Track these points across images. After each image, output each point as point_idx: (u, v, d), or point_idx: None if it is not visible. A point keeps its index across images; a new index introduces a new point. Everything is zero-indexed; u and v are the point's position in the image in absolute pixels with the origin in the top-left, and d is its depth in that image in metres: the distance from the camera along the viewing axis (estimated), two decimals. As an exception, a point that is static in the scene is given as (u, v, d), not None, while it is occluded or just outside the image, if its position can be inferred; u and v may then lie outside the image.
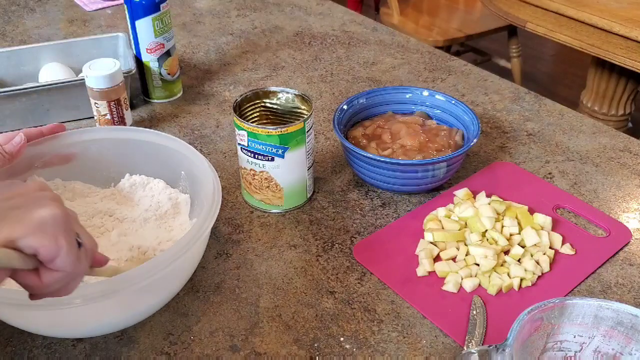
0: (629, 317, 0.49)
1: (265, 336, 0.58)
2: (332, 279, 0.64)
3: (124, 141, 0.70)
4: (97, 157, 0.70)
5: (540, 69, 2.97)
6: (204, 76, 1.06)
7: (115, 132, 0.71)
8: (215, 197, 0.60)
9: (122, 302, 0.54)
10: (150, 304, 0.57)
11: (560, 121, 0.91)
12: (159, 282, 0.53)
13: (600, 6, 1.50)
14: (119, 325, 0.58)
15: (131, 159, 0.71)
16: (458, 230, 0.68)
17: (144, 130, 0.71)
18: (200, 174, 0.64)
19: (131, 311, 0.56)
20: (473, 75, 1.05)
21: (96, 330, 0.57)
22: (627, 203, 0.75)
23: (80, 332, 0.57)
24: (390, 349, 0.57)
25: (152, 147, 0.69)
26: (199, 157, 0.65)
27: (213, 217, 0.57)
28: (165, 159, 0.69)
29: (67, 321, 0.55)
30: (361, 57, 1.11)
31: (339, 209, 0.74)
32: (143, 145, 0.69)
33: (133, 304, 0.56)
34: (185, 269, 0.59)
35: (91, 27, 1.24)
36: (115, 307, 0.55)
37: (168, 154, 0.68)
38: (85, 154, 0.69)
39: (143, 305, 0.57)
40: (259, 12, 1.31)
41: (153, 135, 0.69)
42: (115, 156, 0.71)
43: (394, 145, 0.75)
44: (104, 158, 0.71)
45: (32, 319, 0.54)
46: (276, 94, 0.73)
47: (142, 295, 0.55)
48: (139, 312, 0.57)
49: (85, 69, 0.83)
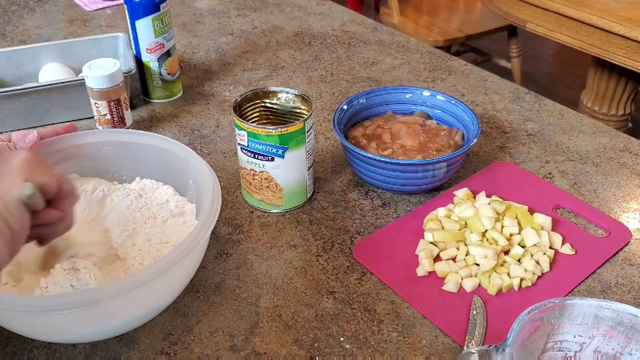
0: (629, 317, 0.49)
1: (265, 336, 0.58)
2: (332, 279, 0.64)
3: (137, 145, 0.69)
4: (108, 158, 0.70)
5: (540, 69, 2.97)
6: (204, 76, 1.06)
7: (127, 136, 0.71)
8: (215, 204, 0.59)
9: (105, 312, 0.53)
10: (139, 314, 0.57)
11: (560, 121, 0.91)
12: (147, 291, 0.53)
13: (600, 6, 1.51)
14: (108, 333, 0.57)
15: (142, 163, 0.70)
16: (458, 230, 0.68)
17: (162, 137, 0.70)
18: (202, 182, 0.63)
19: (117, 321, 0.55)
20: (473, 75, 1.05)
21: (82, 337, 0.57)
22: (627, 203, 0.75)
23: (68, 338, 0.57)
24: (390, 349, 0.57)
25: (163, 153, 0.68)
26: (201, 162, 0.64)
27: (210, 226, 0.56)
28: (175, 166, 0.68)
29: (51, 328, 0.54)
30: (361, 57, 1.11)
31: (339, 209, 0.74)
32: (156, 151, 0.69)
33: (119, 314, 0.55)
34: (180, 276, 0.58)
35: (91, 27, 1.24)
36: (100, 316, 0.54)
37: (177, 162, 0.67)
38: (97, 155, 0.69)
39: (132, 314, 0.56)
40: (259, 12, 1.31)
41: (163, 142, 0.68)
42: (126, 159, 0.71)
43: (394, 145, 0.75)
44: (116, 160, 0.71)
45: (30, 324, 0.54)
46: (276, 94, 0.73)
47: (133, 304, 0.54)
48: (128, 322, 0.57)
49: (85, 69, 0.83)
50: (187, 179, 0.68)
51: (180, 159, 0.66)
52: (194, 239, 0.54)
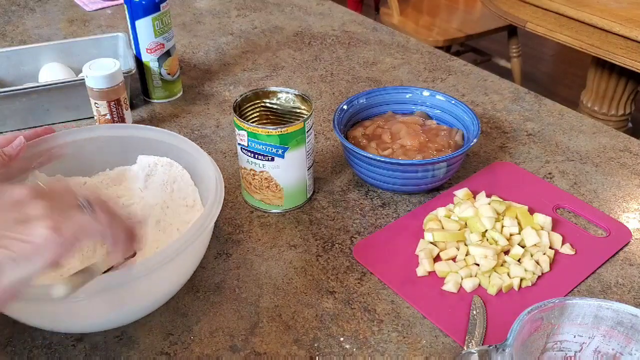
0: (629, 317, 0.49)
1: (265, 336, 0.58)
2: (332, 279, 0.64)
3: (128, 138, 0.71)
4: (94, 155, 0.71)
5: (540, 69, 2.97)
6: (204, 76, 1.06)
7: (109, 130, 0.72)
8: (218, 191, 0.60)
9: (118, 298, 0.54)
10: (151, 300, 0.58)
11: (560, 121, 0.91)
12: (160, 274, 0.53)
13: (600, 6, 1.51)
14: (115, 322, 0.58)
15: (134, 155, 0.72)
16: (458, 230, 0.68)
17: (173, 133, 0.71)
18: (205, 173, 0.65)
19: (129, 307, 0.56)
20: (473, 75, 1.05)
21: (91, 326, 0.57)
22: (627, 203, 0.75)
23: (81, 327, 0.57)
24: (390, 349, 0.57)
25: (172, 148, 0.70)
26: (206, 156, 0.66)
27: (217, 209, 0.58)
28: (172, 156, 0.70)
29: (63, 317, 0.55)
30: (361, 57, 1.11)
31: (339, 209, 0.74)
32: (165, 146, 0.70)
33: (132, 298, 0.56)
34: (188, 262, 0.59)
35: (91, 27, 1.24)
36: (112, 303, 0.54)
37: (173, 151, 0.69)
38: (81, 153, 0.70)
39: (144, 300, 0.57)
40: (259, 12, 1.31)
41: (170, 137, 0.69)
42: (114, 154, 0.71)
43: (394, 145, 0.75)
44: (104, 156, 0.71)
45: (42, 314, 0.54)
46: (276, 94, 0.73)
47: (158, 282, 0.56)
48: (141, 307, 0.58)
49: (85, 69, 0.82)
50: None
51: (178, 150, 0.68)
52: (210, 210, 0.57)
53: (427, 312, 0.60)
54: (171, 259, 0.52)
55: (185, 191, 0.68)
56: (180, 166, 0.69)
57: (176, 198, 0.68)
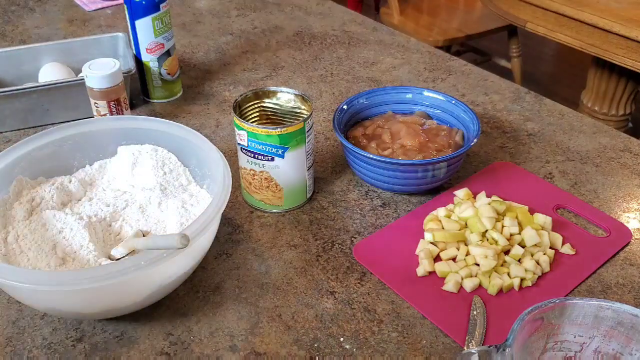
0: (629, 317, 0.49)
1: (265, 336, 0.58)
2: (332, 279, 0.64)
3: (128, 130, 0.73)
4: (70, 153, 0.72)
5: (540, 69, 2.97)
6: (204, 76, 1.06)
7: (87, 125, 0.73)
8: (226, 180, 0.62)
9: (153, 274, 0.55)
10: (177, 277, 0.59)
11: (561, 121, 0.91)
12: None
13: (600, 6, 1.51)
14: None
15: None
16: (458, 230, 0.68)
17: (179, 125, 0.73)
18: (212, 165, 0.67)
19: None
20: (473, 75, 1.05)
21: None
22: (627, 203, 0.75)
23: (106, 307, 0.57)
24: (390, 349, 0.57)
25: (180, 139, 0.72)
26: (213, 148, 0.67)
27: (226, 196, 0.60)
28: (175, 145, 0.73)
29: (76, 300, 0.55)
30: (361, 57, 1.11)
31: (339, 209, 0.74)
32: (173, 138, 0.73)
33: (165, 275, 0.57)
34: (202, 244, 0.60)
35: (91, 27, 1.24)
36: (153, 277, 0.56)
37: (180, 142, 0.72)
38: (58, 153, 0.71)
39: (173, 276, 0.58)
40: (259, 12, 1.31)
41: (179, 129, 0.72)
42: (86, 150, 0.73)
43: (394, 145, 0.75)
44: (77, 153, 0.73)
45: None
46: (276, 94, 0.73)
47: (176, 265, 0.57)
48: (162, 289, 0.58)
49: (85, 69, 0.82)
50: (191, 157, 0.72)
51: (182, 140, 0.71)
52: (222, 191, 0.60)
53: (427, 312, 0.60)
54: (205, 226, 0.56)
55: (177, 172, 0.71)
56: (165, 150, 0.72)
57: (170, 179, 0.70)
